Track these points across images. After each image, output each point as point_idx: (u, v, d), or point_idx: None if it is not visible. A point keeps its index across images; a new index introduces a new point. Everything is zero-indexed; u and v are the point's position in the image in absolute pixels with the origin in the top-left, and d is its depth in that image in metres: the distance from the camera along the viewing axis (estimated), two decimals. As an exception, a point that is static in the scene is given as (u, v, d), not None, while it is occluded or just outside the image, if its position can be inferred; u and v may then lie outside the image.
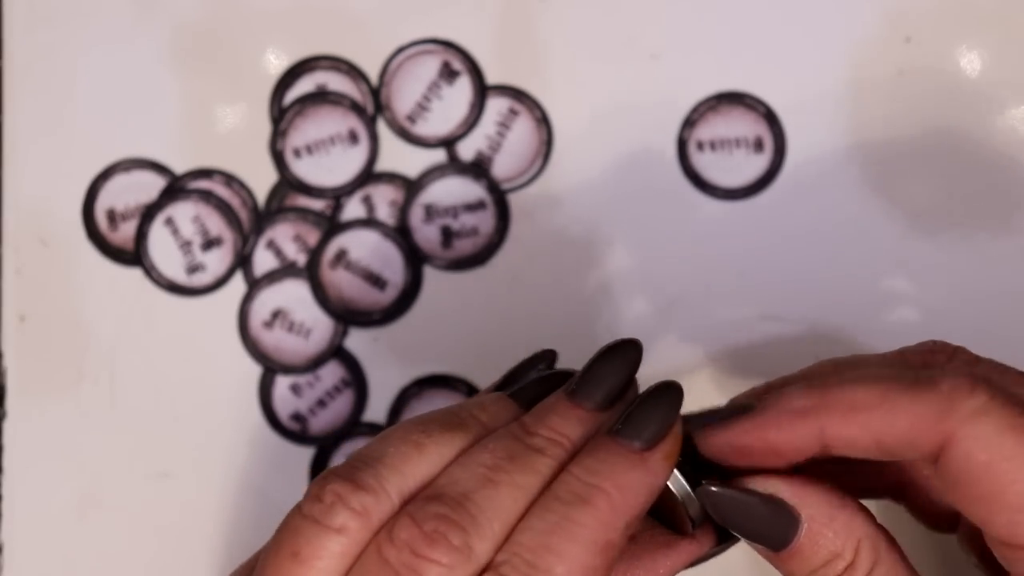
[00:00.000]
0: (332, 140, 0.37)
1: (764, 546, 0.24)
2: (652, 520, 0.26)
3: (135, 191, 0.37)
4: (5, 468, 0.36)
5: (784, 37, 0.36)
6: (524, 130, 0.36)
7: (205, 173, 0.37)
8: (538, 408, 0.25)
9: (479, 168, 0.36)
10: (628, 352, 0.25)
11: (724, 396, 0.35)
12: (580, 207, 0.36)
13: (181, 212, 0.37)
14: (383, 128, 0.37)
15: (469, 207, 0.36)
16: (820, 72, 0.36)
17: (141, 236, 0.37)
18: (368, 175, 0.37)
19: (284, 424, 0.36)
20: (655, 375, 0.35)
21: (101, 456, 0.36)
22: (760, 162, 0.36)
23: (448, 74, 0.37)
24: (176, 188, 0.37)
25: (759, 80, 0.36)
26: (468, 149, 0.37)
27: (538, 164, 0.36)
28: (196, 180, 0.37)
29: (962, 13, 0.36)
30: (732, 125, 0.36)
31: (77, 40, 0.37)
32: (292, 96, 0.37)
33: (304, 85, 0.37)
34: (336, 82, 0.37)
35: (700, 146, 0.36)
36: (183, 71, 0.37)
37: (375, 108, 0.37)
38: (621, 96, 0.36)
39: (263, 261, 0.37)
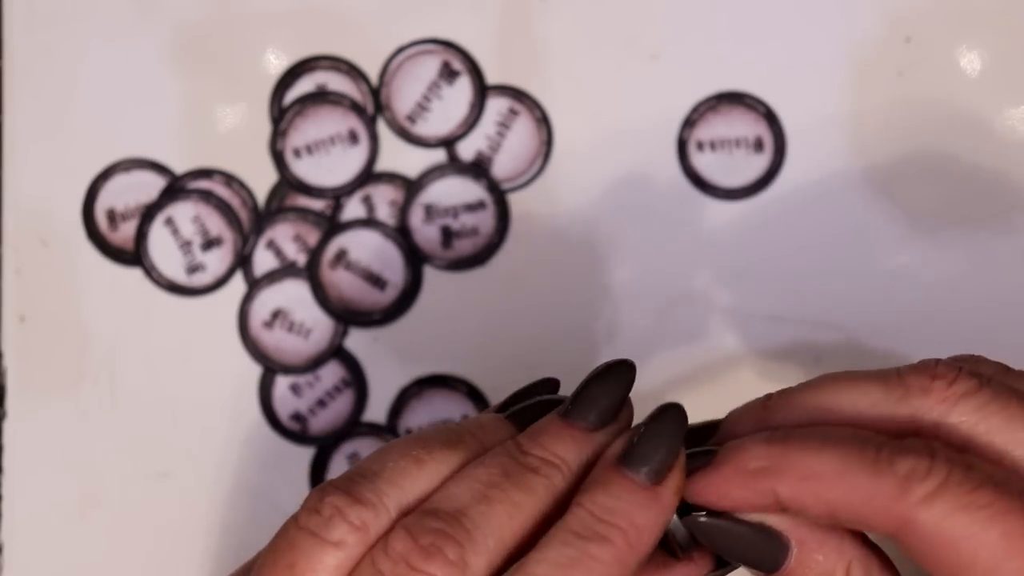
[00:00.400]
0: (332, 140, 0.37)
1: (756, 570, 0.24)
2: None
3: (135, 191, 0.37)
4: (5, 468, 0.36)
5: (784, 37, 0.36)
6: (524, 130, 0.36)
7: (205, 173, 0.37)
8: (532, 428, 0.25)
9: (479, 168, 0.36)
10: (622, 372, 0.26)
11: (723, 396, 0.35)
12: (580, 207, 0.36)
13: (181, 212, 0.37)
14: (383, 128, 0.37)
15: (469, 207, 0.36)
16: (820, 72, 0.36)
17: (141, 236, 0.37)
18: (368, 175, 0.37)
19: (284, 424, 0.36)
20: (655, 375, 0.35)
21: (101, 456, 0.36)
22: (760, 162, 0.36)
23: (448, 74, 0.37)
24: (176, 188, 0.37)
25: (759, 80, 0.36)
26: (468, 149, 0.37)
27: (538, 164, 0.36)
28: (196, 180, 0.37)
29: (962, 13, 0.36)
30: (732, 125, 0.36)
31: (77, 40, 0.37)
32: (292, 96, 0.37)
33: (304, 85, 0.37)
34: (336, 82, 0.37)
35: (700, 146, 0.36)
36: (183, 71, 0.37)
37: (375, 108, 0.37)
38: (621, 96, 0.36)
39: (263, 261, 0.37)
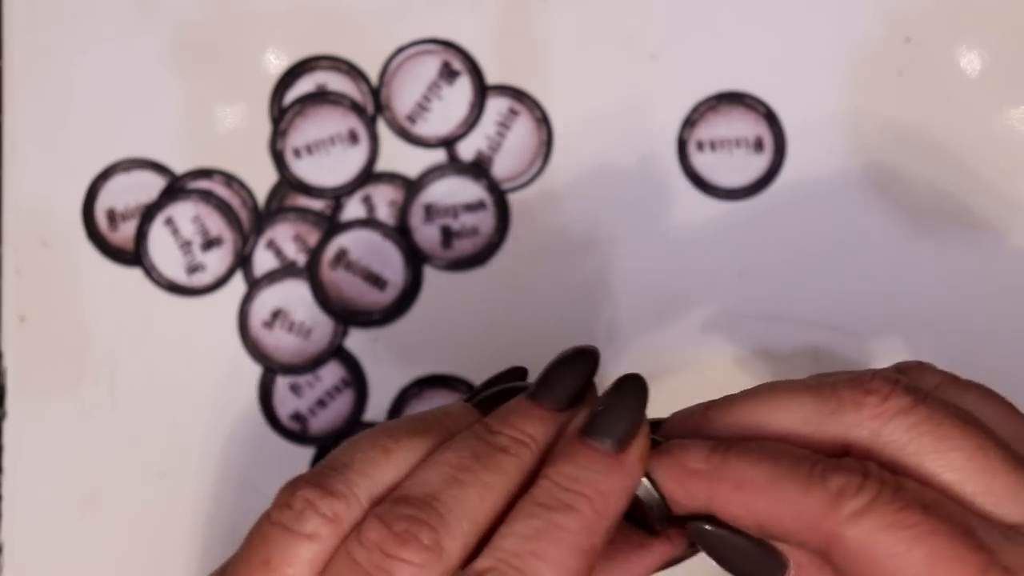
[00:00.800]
0: (332, 140, 0.37)
1: None
2: (624, 520, 0.26)
3: (135, 191, 0.37)
4: (5, 468, 0.36)
5: (784, 37, 0.36)
6: (524, 130, 0.36)
7: (205, 173, 0.37)
8: (500, 409, 0.25)
9: (479, 168, 0.36)
10: (586, 355, 0.26)
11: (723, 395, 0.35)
12: (580, 207, 0.36)
13: (181, 212, 0.37)
14: (383, 128, 0.37)
15: (469, 207, 0.36)
16: (820, 72, 0.36)
17: (141, 236, 0.37)
18: (368, 175, 0.37)
19: (284, 424, 0.36)
20: (654, 375, 0.35)
21: (101, 456, 0.36)
22: (760, 162, 0.36)
23: (448, 74, 0.37)
24: (176, 188, 0.37)
25: (759, 80, 0.36)
26: (468, 149, 0.37)
27: (538, 164, 0.36)
28: (196, 180, 0.37)
29: (962, 13, 0.36)
30: (732, 125, 0.36)
31: (77, 40, 0.37)
32: (292, 96, 0.37)
33: (304, 85, 0.37)
34: (336, 82, 0.37)
35: (700, 146, 0.36)
36: (183, 71, 0.37)
37: (375, 108, 0.37)
38: (621, 96, 0.36)
39: (263, 261, 0.37)
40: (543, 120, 0.36)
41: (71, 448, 0.36)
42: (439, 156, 0.37)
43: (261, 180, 0.37)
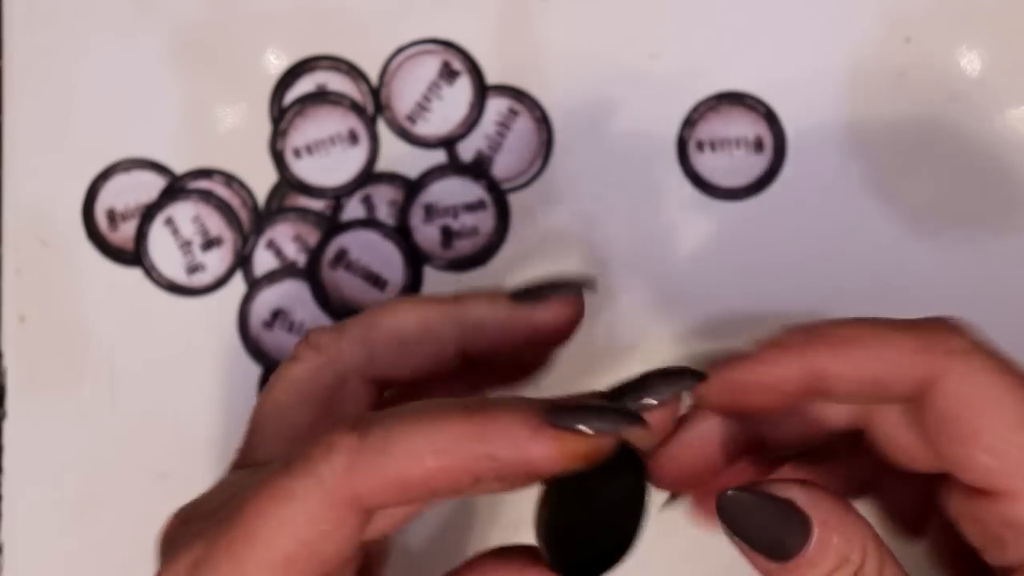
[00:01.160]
0: (332, 140, 0.37)
1: (772, 556, 0.23)
2: None
3: (135, 191, 0.37)
4: (5, 468, 0.36)
5: (784, 37, 0.36)
6: (524, 130, 0.36)
7: (205, 173, 0.37)
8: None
9: (479, 168, 0.36)
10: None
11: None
12: (580, 207, 0.36)
13: (181, 212, 0.37)
14: (383, 128, 0.37)
15: (469, 207, 0.36)
16: (820, 72, 0.36)
17: (141, 236, 0.37)
18: (368, 175, 0.37)
19: (284, 424, 0.36)
20: (655, 375, 0.35)
21: (101, 456, 0.36)
22: (760, 162, 0.36)
23: (448, 74, 0.37)
24: (176, 188, 0.37)
25: (759, 80, 0.36)
26: (468, 149, 0.37)
27: (538, 164, 0.36)
28: (196, 180, 0.37)
29: (962, 13, 0.36)
30: (732, 125, 0.36)
31: (77, 40, 0.37)
32: (292, 96, 0.37)
33: (304, 85, 0.37)
34: (336, 82, 0.37)
35: (700, 146, 0.36)
36: (183, 71, 0.37)
37: (375, 108, 0.37)
38: (621, 96, 0.36)
39: (263, 261, 0.37)
40: (543, 120, 0.36)
41: (71, 448, 0.36)
42: (439, 156, 0.37)
43: (261, 180, 0.37)
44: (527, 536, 0.24)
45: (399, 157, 0.37)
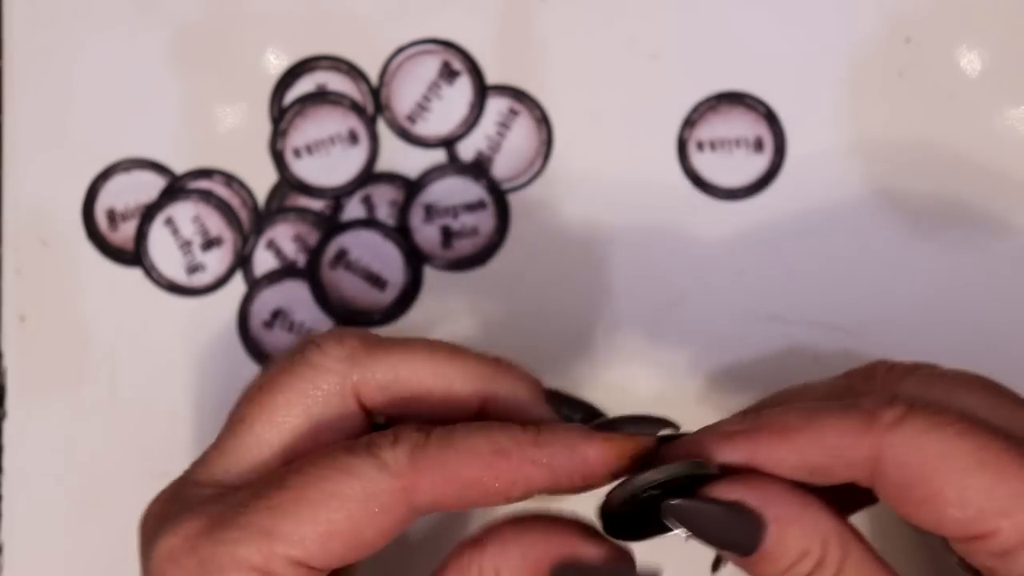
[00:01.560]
0: (332, 140, 0.37)
1: (734, 552, 0.24)
2: None
3: (135, 191, 0.37)
4: (5, 468, 0.36)
5: (784, 37, 0.36)
6: (524, 130, 0.36)
7: (205, 173, 0.37)
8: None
9: (479, 168, 0.36)
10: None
11: (723, 396, 0.35)
12: (580, 207, 0.36)
13: (181, 212, 0.37)
14: (383, 128, 0.37)
15: (469, 207, 0.36)
16: (820, 72, 0.36)
17: (141, 236, 0.37)
18: (368, 175, 0.37)
19: (284, 424, 0.36)
20: (654, 375, 0.35)
21: (101, 456, 0.36)
22: (760, 162, 0.36)
23: (448, 74, 0.37)
24: (176, 188, 0.37)
25: (759, 80, 0.36)
26: (468, 149, 0.37)
27: (538, 164, 0.36)
28: (196, 180, 0.37)
29: (962, 13, 0.36)
30: (732, 125, 0.36)
31: (77, 40, 0.37)
32: (292, 96, 0.37)
33: (304, 85, 0.37)
34: (336, 82, 0.37)
35: (700, 146, 0.36)
36: (183, 71, 0.37)
37: (375, 108, 0.37)
38: (621, 96, 0.36)
39: (263, 261, 0.37)
40: (543, 120, 0.36)
41: (71, 448, 0.36)
42: (439, 156, 0.37)
43: (261, 180, 0.37)
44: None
45: (399, 157, 0.37)
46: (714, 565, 0.27)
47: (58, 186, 0.37)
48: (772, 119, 0.36)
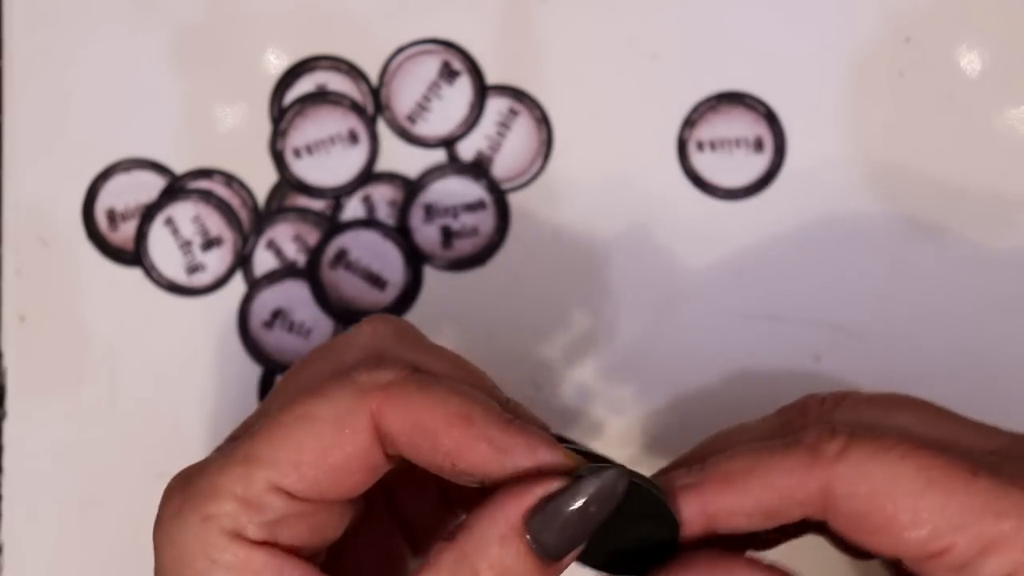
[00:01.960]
0: (332, 140, 0.37)
1: None
2: None
3: (135, 191, 0.37)
4: (5, 468, 0.36)
5: (784, 37, 0.36)
6: (524, 130, 0.36)
7: (205, 173, 0.37)
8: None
9: (479, 168, 0.36)
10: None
11: (723, 396, 0.35)
12: (580, 207, 0.36)
13: (181, 212, 0.37)
14: (383, 128, 0.37)
15: (469, 207, 0.36)
16: (820, 72, 0.36)
17: (141, 236, 0.37)
18: (368, 175, 0.37)
19: (284, 424, 0.36)
20: (654, 375, 0.35)
21: (101, 456, 0.36)
22: (760, 162, 0.36)
23: (448, 74, 0.37)
24: (176, 188, 0.37)
25: (759, 80, 0.36)
26: (468, 149, 0.37)
27: (538, 164, 0.36)
28: (196, 180, 0.37)
29: (962, 13, 0.36)
30: (732, 125, 0.36)
31: (77, 40, 0.37)
32: (292, 96, 0.37)
33: (304, 85, 0.37)
34: (336, 82, 0.37)
35: (700, 146, 0.36)
36: (183, 71, 0.37)
37: (375, 108, 0.37)
38: (621, 96, 0.36)
39: (263, 261, 0.37)
40: (543, 120, 0.36)
41: (71, 448, 0.36)
42: (439, 156, 0.37)
43: (261, 180, 0.37)
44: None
45: (399, 157, 0.37)
46: None
47: (58, 186, 0.37)
48: (772, 119, 0.36)
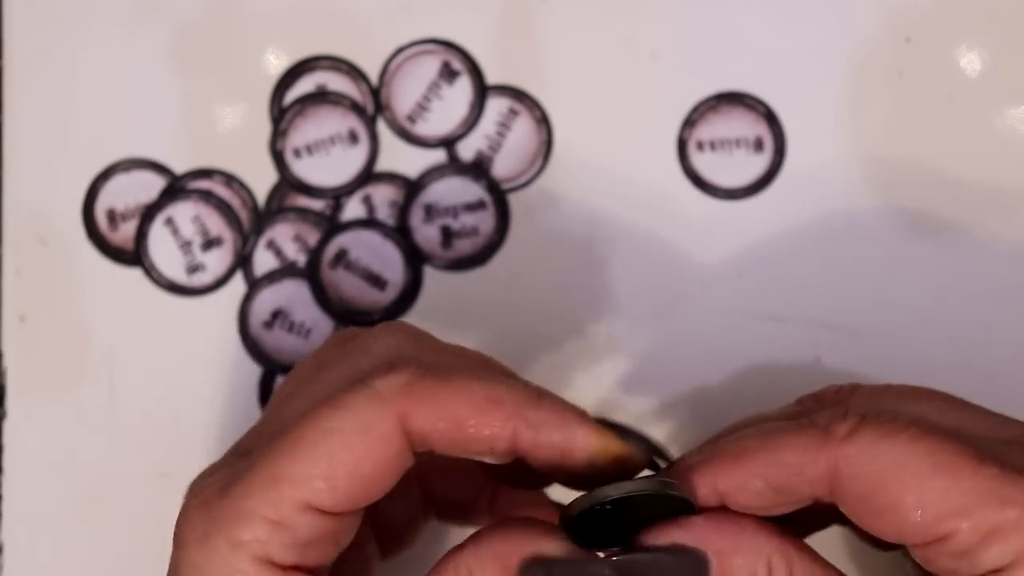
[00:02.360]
0: (332, 140, 0.37)
1: None
2: None
3: (135, 191, 0.37)
4: (5, 468, 0.36)
5: (784, 37, 0.36)
6: (524, 130, 0.36)
7: (205, 173, 0.37)
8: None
9: (479, 168, 0.36)
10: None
11: (723, 396, 0.35)
12: (580, 207, 0.36)
13: (181, 212, 0.37)
14: (383, 128, 0.37)
15: (469, 207, 0.36)
16: (820, 72, 0.36)
17: (141, 236, 0.37)
18: (368, 175, 0.37)
19: (284, 424, 0.36)
20: (654, 375, 0.35)
21: (101, 456, 0.36)
22: (760, 162, 0.36)
23: (448, 74, 0.37)
24: (176, 188, 0.37)
25: (759, 80, 0.36)
26: (468, 149, 0.37)
27: (538, 164, 0.36)
28: (196, 180, 0.37)
29: (962, 13, 0.36)
30: (732, 125, 0.36)
31: (77, 40, 0.37)
32: (292, 96, 0.37)
33: (304, 85, 0.37)
34: (336, 82, 0.37)
35: (700, 146, 0.36)
36: (183, 71, 0.37)
37: (375, 108, 0.37)
38: (621, 96, 0.36)
39: (263, 261, 0.37)
40: (543, 120, 0.36)
41: (71, 448, 0.36)
42: (439, 156, 0.37)
43: (261, 180, 0.37)
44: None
45: (399, 157, 0.37)
46: None
47: (58, 186, 0.37)
48: (772, 119, 0.36)
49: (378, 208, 0.37)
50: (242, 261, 0.37)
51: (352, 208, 0.37)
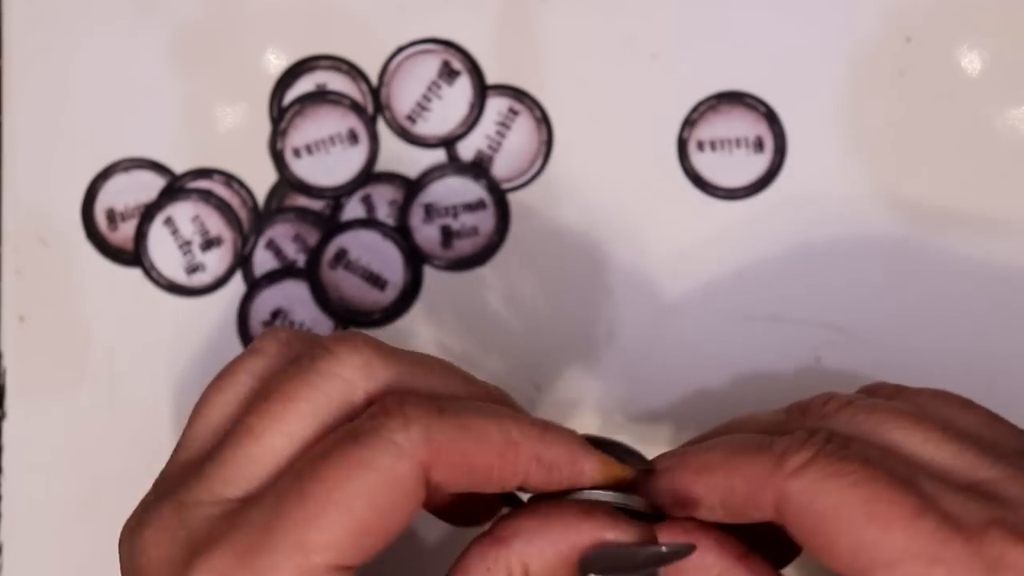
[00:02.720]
0: (332, 140, 0.37)
1: None
2: None
3: (135, 191, 0.37)
4: (5, 468, 0.36)
5: (784, 37, 0.36)
6: (524, 130, 0.36)
7: (205, 173, 0.37)
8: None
9: (479, 168, 0.36)
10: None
11: (723, 396, 0.35)
12: (580, 207, 0.36)
13: (181, 212, 0.37)
14: (383, 128, 0.37)
15: (469, 207, 0.36)
16: (820, 72, 0.36)
17: (141, 236, 0.37)
18: (368, 175, 0.37)
19: (284, 424, 0.36)
20: (654, 375, 0.35)
21: (101, 456, 0.36)
22: (760, 162, 0.36)
23: (448, 74, 0.37)
24: (176, 188, 0.37)
25: (759, 80, 0.36)
26: (468, 149, 0.37)
27: (538, 164, 0.36)
28: (196, 180, 0.37)
29: (962, 13, 0.36)
30: (732, 125, 0.36)
31: (77, 40, 0.37)
32: (292, 96, 0.37)
33: (304, 85, 0.37)
34: (336, 82, 0.37)
35: (700, 146, 0.36)
36: (183, 71, 0.37)
37: (375, 108, 0.37)
38: (621, 96, 0.36)
39: (263, 261, 0.37)
40: (543, 120, 0.36)
41: (71, 448, 0.36)
42: (439, 156, 0.37)
43: (261, 180, 0.37)
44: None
45: (399, 157, 0.37)
46: None
47: (58, 186, 0.37)
48: (772, 119, 0.36)
49: (378, 208, 0.37)
50: (242, 261, 0.37)
51: (352, 208, 0.37)
